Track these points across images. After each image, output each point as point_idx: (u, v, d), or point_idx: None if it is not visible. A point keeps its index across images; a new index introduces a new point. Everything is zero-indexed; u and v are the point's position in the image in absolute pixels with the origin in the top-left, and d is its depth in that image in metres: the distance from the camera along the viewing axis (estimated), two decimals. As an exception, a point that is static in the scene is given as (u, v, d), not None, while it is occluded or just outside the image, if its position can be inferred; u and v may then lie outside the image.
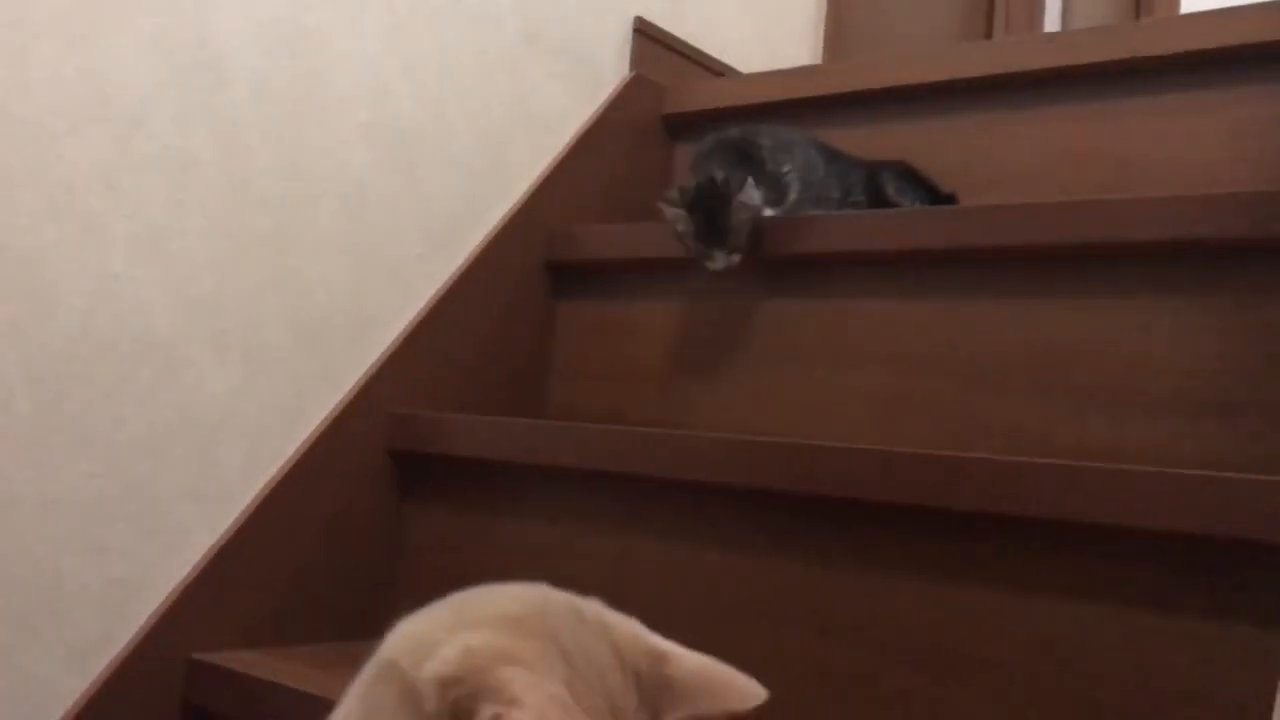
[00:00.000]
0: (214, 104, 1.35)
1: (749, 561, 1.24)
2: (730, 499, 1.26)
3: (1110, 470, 1.00)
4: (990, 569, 1.10)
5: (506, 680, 0.56)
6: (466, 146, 1.63)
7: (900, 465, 1.11)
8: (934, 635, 1.12)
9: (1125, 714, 1.01)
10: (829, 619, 1.18)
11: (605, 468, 1.32)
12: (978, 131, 1.71)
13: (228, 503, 1.37)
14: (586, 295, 1.72)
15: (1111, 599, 1.03)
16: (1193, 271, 1.25)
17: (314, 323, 1.45)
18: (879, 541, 1.16)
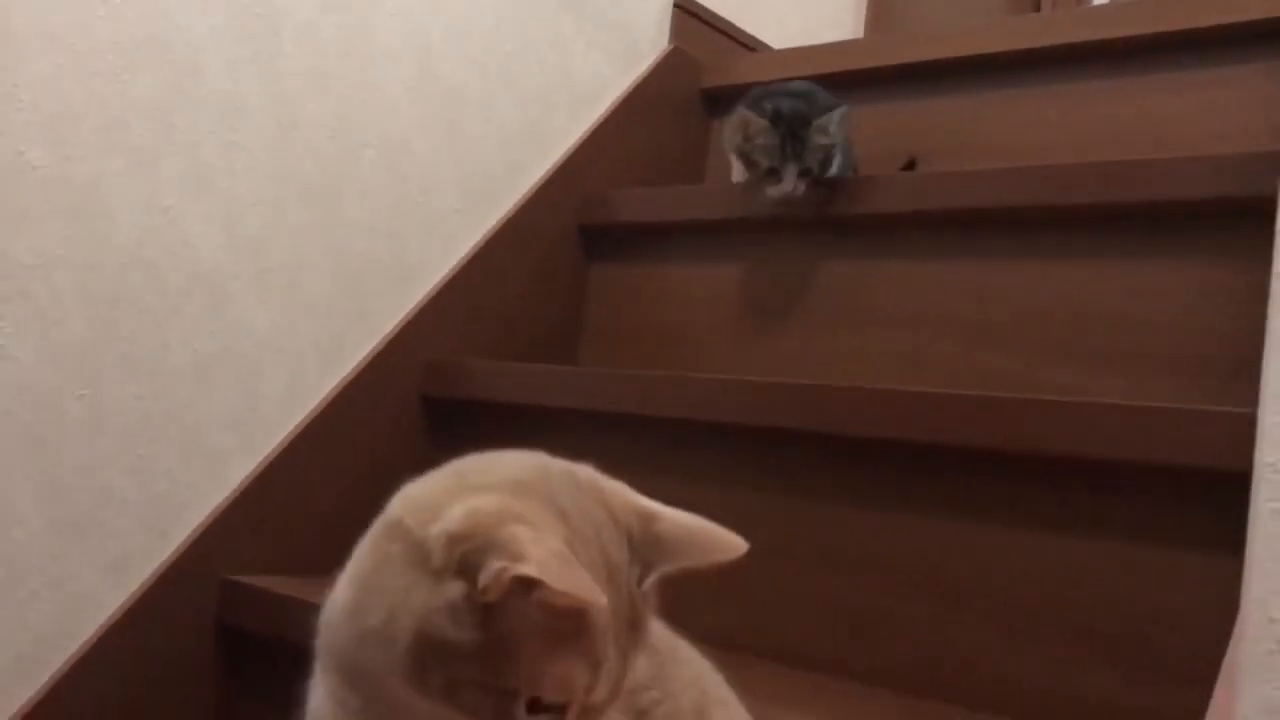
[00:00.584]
0: (266, 52, 1.41)
1: (762, 499, 1.27)
2: (746, 440, 1.30)
3: (1096, 405, 1.03)
4: (988, 504, 1.13)
5: (511, 537, 0.60)
6: (506, 108, 1.69)
7: (903, 403, 1.15)
8: (935, 568, 1.15)
9: (1111, 637, 1.03)
10: (838, 554, 1.22)
11: (628, 410, 1.36)
12: (1014, 106, 1.74)
13: (266, 433, 1.42)
14: (619, 258, 1.77)
15: (1098, 531, 1.06)
16: (1200, 233, 1.28)
17: (354, 267, 1.51)
18: (883, 480, 1.20)
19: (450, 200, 1.62)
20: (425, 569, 0.61)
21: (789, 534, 1.26)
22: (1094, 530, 1.06)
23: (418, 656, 0.60)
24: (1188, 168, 1.28)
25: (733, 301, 1.64)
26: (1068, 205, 1.36)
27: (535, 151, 1.73)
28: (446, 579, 0.60)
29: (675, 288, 1.70)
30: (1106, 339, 1.31)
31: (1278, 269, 0.73)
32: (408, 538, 0.63)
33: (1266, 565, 0.71)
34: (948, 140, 1.78)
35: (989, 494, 1.13)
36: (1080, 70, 1.68)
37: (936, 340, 1.45)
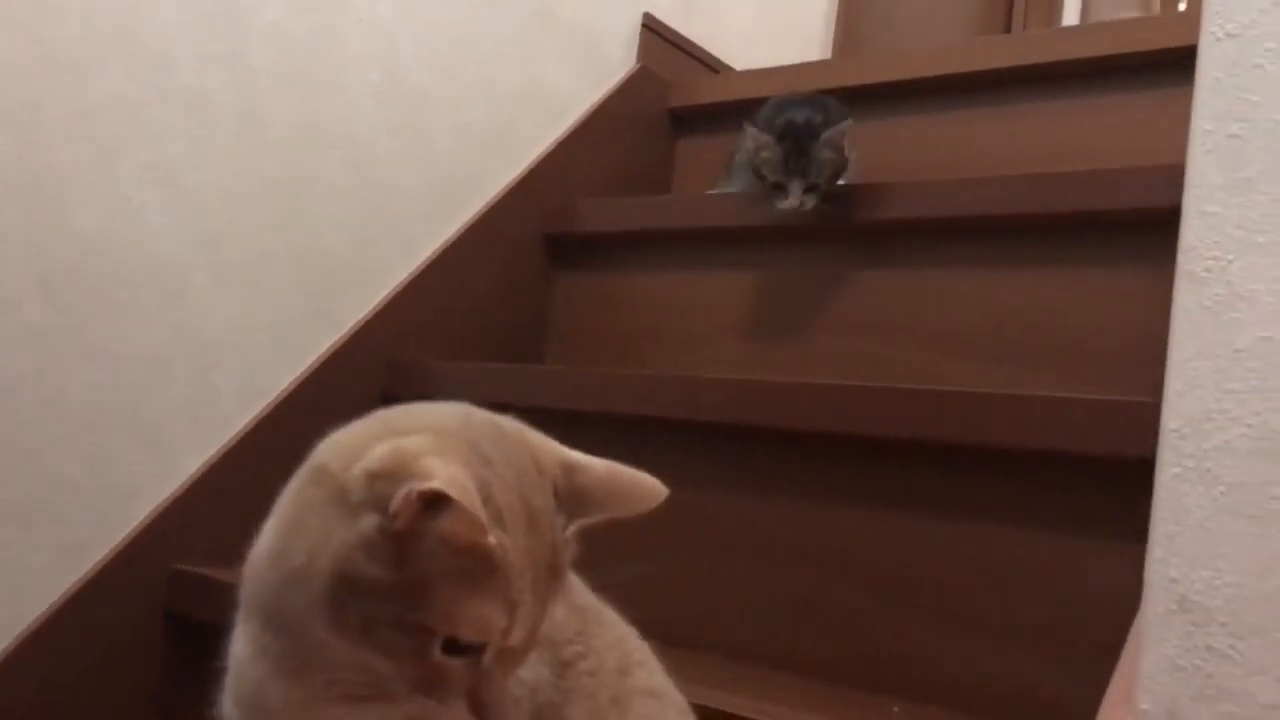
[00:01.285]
0: (234, 50, 1.44)
1: (710, 494, 1.29)
2: (688, 435, 1.32)
3: (1024, 396, 1.06)
4: (923, 496, 1.15)
5: (426, 466, 0.61)
6: (474, 116, 1.72)
7: (846, 398, 1.17)
8: (881, 560, 1.16)
9: (1041, 625, 1.05)
10: (778, 547, 1.23)
11: (578, 407, 1.38)
12: (977, 125, 1.77)
13: (221, 426, 1.43)
14: (583, 266, 1.79)
15: (1029, 521, 1.07)
16: (1142, 241, 1.31)
17: (315, 266, 1.52)
18: (822, 473, 1.21)
19: (415, 203, 1.64)
20: (344, 507, 0.62)
21: (731, 528, 1.27)
22: (1025, 520, 1.08)
23: (336, 595, 0.61)
24: (1126, 178, 1.31)
25: (696, 309, 1.66)
26: (1013, 214, 1.39)
27: (502, 159, 1.76)
28: (363, 514, 0.61)
29: (639, 296, 1.72)
30: (1052, 342, 1.34)
31: (1183, 245, 0.75)
32: (330, 481, 0.64)
33: (1169, 528, 0.73)
34: (914, 158, 1.81)
35: (924, 486, 1.15)
36: (1043, 90, 1.72)
37: (891, 345, 1.47)
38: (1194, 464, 0.73)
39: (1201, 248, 0.75)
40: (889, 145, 1.81)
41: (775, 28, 2.30)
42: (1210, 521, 0.72)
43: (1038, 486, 1.09)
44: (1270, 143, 0.74)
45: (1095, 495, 1.06)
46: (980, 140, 1.76)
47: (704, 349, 1.64)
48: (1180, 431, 0.74)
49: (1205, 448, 0.73)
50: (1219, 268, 0.74)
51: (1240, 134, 0.75)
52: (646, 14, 1.99)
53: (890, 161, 1.80)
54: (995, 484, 1.12)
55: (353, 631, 0.61)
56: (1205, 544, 0.72)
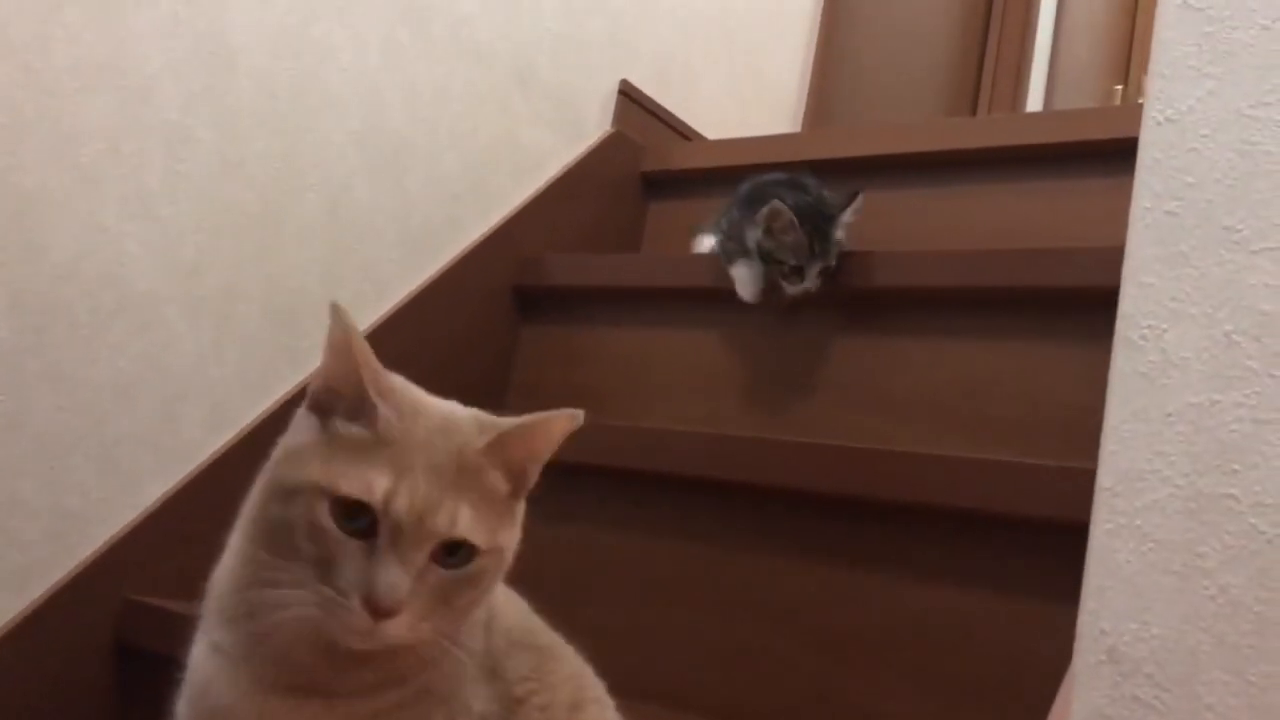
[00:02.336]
0: (218, 89, 1.47)
1: (651, 543, 1.31)
2: (640, 485, 1.34)
3: (971, 460, 1.10)
4: (870, 554, 1.18)
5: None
6: (451, 168, 1.75)
7: (790, 453, 1.20)
8: (822, 614, 1.19)
9: (990, 687, 1.07)
10: (729, 597, 1.25)
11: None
12: (942, 201, 1.83)
13: (183, 458, 1.44)
14: (550, 320, 1.82)
15: (975, 581, 1.10)
16: (1087, 318, 1.36)
17: (286, 304, 1.55)
18: (772, 525, 1.24)
19: (388, 249, 1.67)
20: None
21: (675, 577, 1.29)
22: (962, 579, 1.11)
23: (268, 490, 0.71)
24: (1090, 257, 1.36)
25: (658, 366, 1.69)
26: (970, 287, 1.43)
27: (476, 211, 1.80)
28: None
29: (603, 351, 1.76)
30: (998, 412, 1.38)
31: (1121, 312, 0.79)
32: None
33: (1101, 582, 0.76)
34: (878, 230, 1.86)
35: (867, 543, 1.18)
36: (1005, 171, 1.78)
37: (850, 410, 1.51)
38: (1125, 521, 0.76)
39: (1138, 316, 0.79)
40: (866, 216, 1.86)
41: (748, 99, 2.37)
42: (1139, 576, 0.75)
43: (976, 546, 1.12)
44: (1203, 221, 0.78)
45: (1029, 556, 1.09)
46: (942, 216, 1.81)
47: (665, 405, 1.67)
48: (1114, 490, 0.77)
49: (1136, 506, 0.76)
50: (1154, 335, 0.78)
51: (1176, 211, 0.79)
52: (623, 80, 2.05)
53: (853, 234, 1.85)
54: (936, 543, 1.15)
55: (273, 519, 0.69)
56: (1134, 598, 0.75)
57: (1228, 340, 0.75)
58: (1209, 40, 0.80)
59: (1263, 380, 0.74)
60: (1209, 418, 0.75)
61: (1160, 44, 0.82)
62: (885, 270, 1.51)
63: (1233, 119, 0.78)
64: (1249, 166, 0.77)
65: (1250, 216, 0.76)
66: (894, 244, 1.81)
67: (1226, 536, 0.73)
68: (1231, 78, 0.79)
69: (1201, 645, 0.73)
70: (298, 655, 0.70)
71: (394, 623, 0.65)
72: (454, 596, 0.69)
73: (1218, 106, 0.79)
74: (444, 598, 0.69)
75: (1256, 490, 0.73)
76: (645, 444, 1.33)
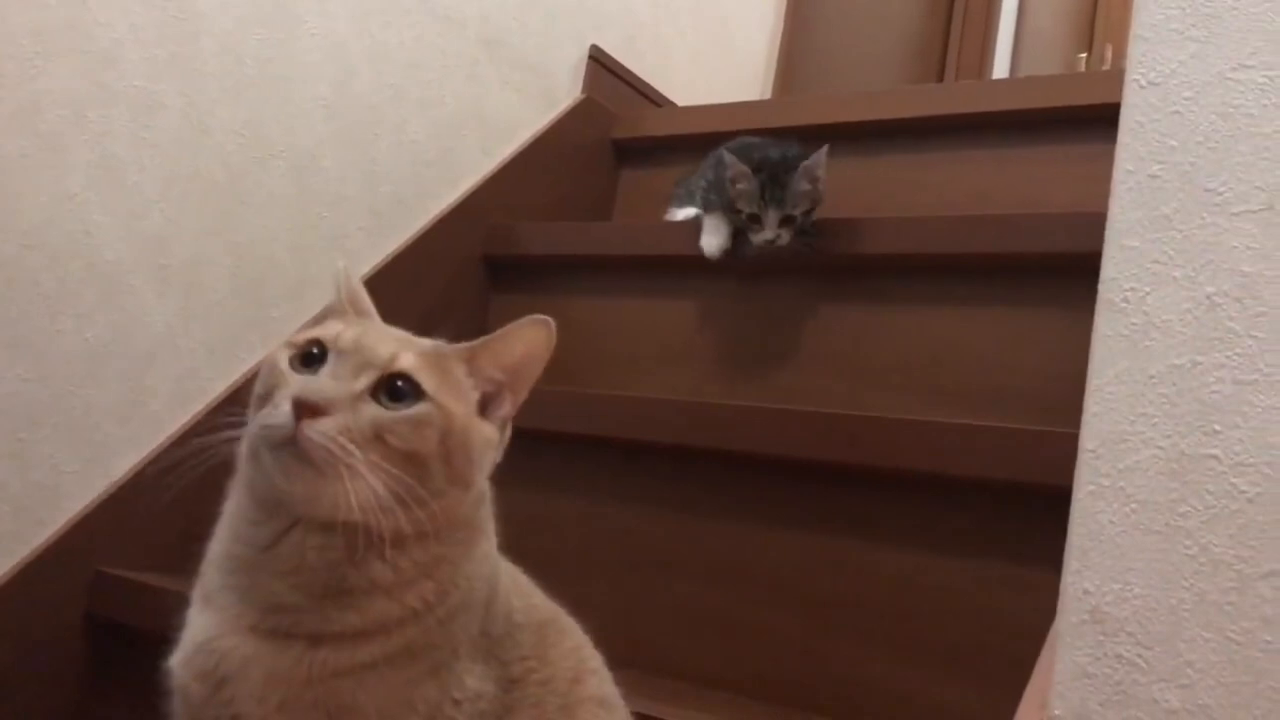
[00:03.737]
0: (185, 56, 1.44)
1: (628, 511, 1.31)
2: (620, 454, 1.34)
3: (956, 425, 1.10)
4: (858, 521, 1.18)
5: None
6: (420, 135, 1.74)
7: (768, 419, 1.20)
8: (807, 581, 1.20)
9: (971, 648, 1.08)
10: (713, 566, 1.26)
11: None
12: (912, 168, 1.83)
13: (153, 429, 1.43)
14: (521, 289, 1.81)
15: (960, 548, 1.11)
16: (1069, 284, 1.37)
17: (254, 273, 1.53)
18: (759, 495, 1.24)
19: (357, 218, 1.65)
20: None
21: (660, 547, 1.29)
22: (948, 544, 1.12)
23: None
24: (1065, 223, 1.37)
25: (632, 335, 1.69)
26: (949, 254, 1.44)
27: (445, 179, 1.78)
28: None
29: (577, 321, 1.75)
30: (979, 378, 1.39)
31: (1104, 275, 0.80)
32: None
33: (1084, 543, 0.77)
34: (850, 197, 1.86)
35: (850, 509, 1.19)
36: (973, 138, 1.78)
37: (822, 377, 1.51)
38: (1109, 482, 0.77)
39: (1121, 279, 0.80)
40: (835, 183, 1.85)
41: (717, 65, 2.36)
42: (1122, 537, 0.76)
43: (952, 510, 1.13)
44: (1185, 184, 0.79)
45: (1005, 520, 1.10)
46: (912, 182, 1.82)
47: (638, 375, 1.67)
48: (1096, 452, 0.78)
49: (1119, 467, 0.77)
50: (1136, 298, 0.79)
51: (1159, 174, 0.80)
52: (594, 46, 2.03)
53: (827, 200, 1.85)
54: (913, 508, 1.16)
55: None
56: (1117, 558, 0.76)
57: (1210, 302, 0.76)
58: (1191, 3, 0.80)
59: (1244, 342, 0.75)
60: (1191, 379, 0.76)
61: (1142, 7, 0.82)
62: (857, 237, 1.51)
63: (1215, 81, 0.79)
64: (1231, 129, 0.78)
65: (1232, 179, 0.77)
66: (864, 211, 1.81)
67: (1208, 496, 0.74)
68: (1214, 40, 0.79)
69: (1183, 604, 0.73)
70: (281, 594, 0.71)
71: (318, 423, 0.67)
72: (390, 435, 0.70)
73: (1200, 69, 0.79)
74: (378, 433, 0.69)
75: (1237, 450, 0.74)
76: (621, 412, 1.32)
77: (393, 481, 0.69)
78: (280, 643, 0.70)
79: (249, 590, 0.72)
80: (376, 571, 0.70)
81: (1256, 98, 0.77)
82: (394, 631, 0.70)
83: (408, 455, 0.70)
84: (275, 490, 0.70)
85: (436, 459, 0.72)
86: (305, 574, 0.71)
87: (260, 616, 0.71)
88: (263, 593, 0.71)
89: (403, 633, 0.70)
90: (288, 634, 0.70)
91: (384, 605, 0.70)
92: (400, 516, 0.69)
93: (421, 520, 0.70)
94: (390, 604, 0.70)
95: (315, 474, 0.68)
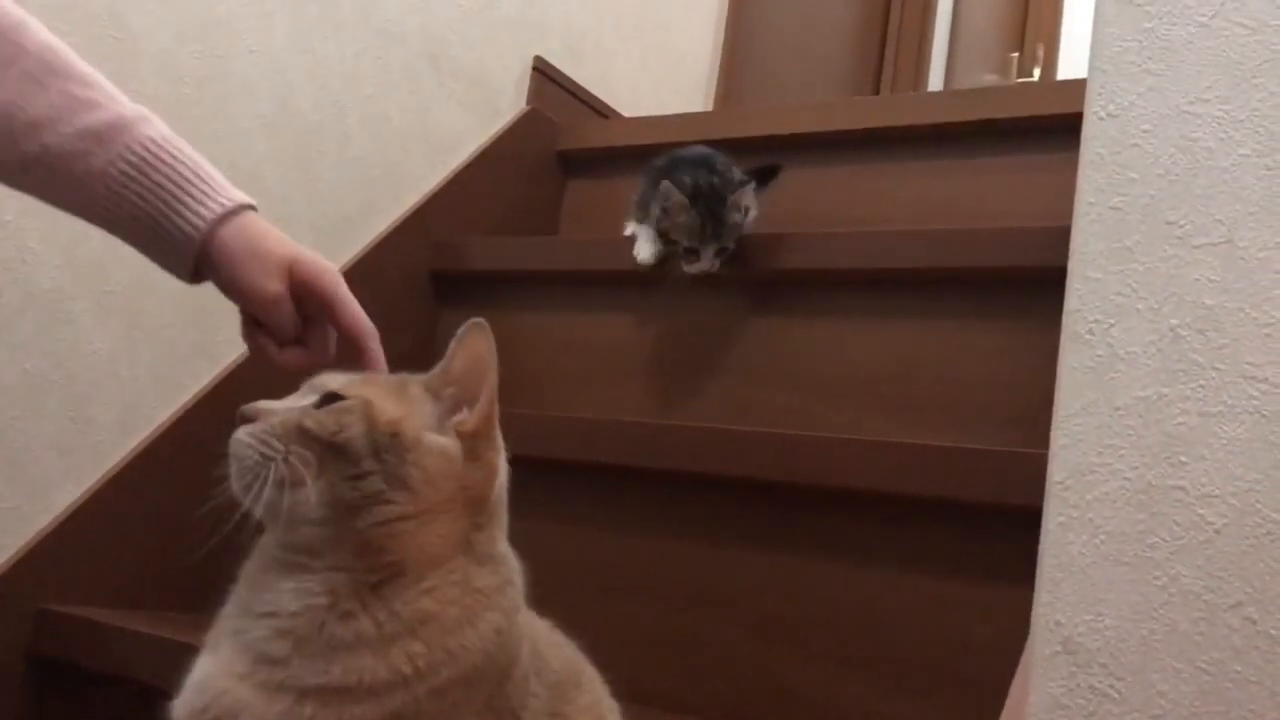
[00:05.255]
0: (120, 75, 1.39)
1: (585, 534, 1.30)
2: (577, 475, 1.33)
3: (914, 445, 1.11)
4: (815, 541, 1.18)
5: None
6: (363, 151, 1.71)
7: (732, 441, 1.20)
8: (768, 602, 1.19)
9: (928, 667, 1.09)
10: (673, 588, 1.25)
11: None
12: (852, 179, 1.84)
13: (95, 461, 1.39)
14: (469, 304, 1.79)
15: (916, 566, 1.12)
16: (1016, 297, 1.38)
17: (198, 297, 1.47)
18: (717, 515, 1.24)
19: (300, 236, 1.60)
20: None
21: (618, 568, 1.29)
22: (912, 565, 1.12)
23: None
24: (1011, 238, 1.38)
25: (584, 351, 1.68)
26: (898, 269, 1.44)
27: (390, 195, 1.75)
28: None
29: (527, 337, 1.73)
30: (929, 393, 1.39)
31: (1068, 308, 0.81)
32: None
33: (1055, 574, 0.78)
34: (789, 209, 1.87)
35: (809, 530, 1.19)
36: (914, 149, 1.80)
37: (774, 390, 1.51)
38: (1078, 514, 0.78)
39: (1085, 311, 0.80)
40: (776, 195, 1.86)
41: (661, 76, 2.35)
42: (1092, 568, 0.77)
43: (912, 530, 1.13)
44: (1146, 216, 0.80)
45: (971, 541, 1.11)
46: (855, 194, 1.83)
47: (587, 391, 1.65)
48: (1065, 483, 0.79)
49: (1088, 498, 0.78)
50: (1101, 330, 0.79)
51: (1120, 207, 0.80)
52: (537, 57, 2.02)
53: (769, 213, 1.85)
54: (873, 528, 1.17)
55: None
56: (1088, 589, 0.77)
57: (1173, 334, 0.77)
58: (1148, 36, 0.81)
59: (1208, 374, 0.76)
60: (1156, 411, 0.77)
61: (1100, 40, 0.83)
62: (801, 252, 1.52)
63: (1174, 115, 0.80)
64: (1190, 162, 0.79)
65: (1192, 212, 0.78)
66: (806, 223, 1.82)
67: (1176, 527, 0.75)
68: (1171, 74, 0.80)
69: (1154, 634, 0.74)
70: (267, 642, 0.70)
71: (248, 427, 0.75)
72: (310, 421, 0.72)
73: (1158, 102, 0.80)
74: (301, 426, 0.72)
75: (1204, 482, 0.75)
76: (573, 433, 1.31)
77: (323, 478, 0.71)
78: (270, 694, 0.68)
79: (241, 636, 0.71)
80: (361, 624, 0.69)
81: (1214, 131, 0.78)
82: (383, 695, 0.68)
83: (330, 444, 0.71)
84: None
85: (365, 451, 0.72)
86: (285, 619, 0.70)
87: (250, 667, 0.70)
88: (252, 639, 0.70)
89: (391, 698, 0.68)
90: (278, 687, 0.69)
91: (369, 663, 0.68)
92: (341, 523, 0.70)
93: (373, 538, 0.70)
94: (376, 662, 0.68)
95: (249, 474, 0.72)
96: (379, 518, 0.71)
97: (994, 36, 3.82)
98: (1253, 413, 0.74)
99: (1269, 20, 0.77)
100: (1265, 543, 0.72)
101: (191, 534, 1.45)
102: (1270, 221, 0.75)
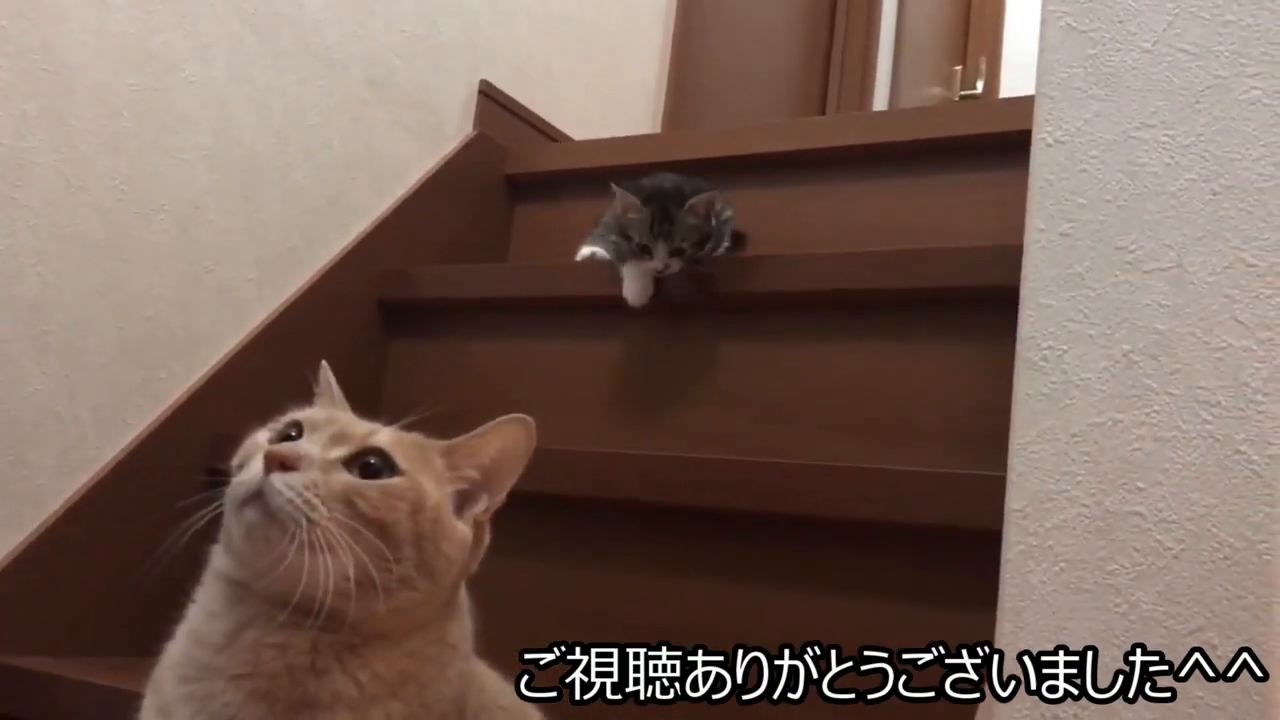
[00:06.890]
0: (56, 109, 1.37)
1: (542, 568, 1.29)
2: (527, 506, 1.31)
3: (871, 470, 1.10)
4: (771, 567, 1.18)
5: None
6: (306, 181, 1.68)
7: (691, 469, 1.19)
8: (721, 631, 1.18)
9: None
10: (628, 620, 1.24)
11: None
12: (800, 200, 1.84)
13: (35, 506, 1.35)
14: (419, 334, 1.77)
15: (875, 591, 1.12)
16: (967, 317, 1.38)
17: (139, 334, 1.46)
18: (675, 545, 1.23)
19: (245, 269, 1.59)
20: None
21: (579, 603, 1.27)
22: (871, 590, 1.12)
23: None
24: (962, 257, 1.38)
25: (535, 378, 1.66)
26: (847, 289, 1.44)
27: (335, 224, 1.73)
28: None
29: (478, 365, 1.71)
30: (882, 414, 1.39)
31: (1021, 334, 0.80)
32: None
33: (1016, 603, 0.77)
34: (747, 230, 1.87)
35: (772, 557, 1.18)
36: (863, 169, 1.80)
37: (729, 415, 1.50)
38: (1037, 541, 0.78)
39: (1038, 337, 0.80)
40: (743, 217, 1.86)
41: (609, 98, 2.34)
42: (1053, 596, 0.76)
43: (871, 555, 1.13)
44: (1096, 242, 0.80)
45: (930, 566, 1.10)
46: (802, 215, 1.83)
47: (542, 420, 1.63)
48: (1023, 511, 0.78)
49: (1047, 526, 0.77)
50: (1055, 357, 0.79)
51: (1070, 233, 0.81)
52: (484, 81, 2.00)
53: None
54: (831, 554, 1.16)
55: None
56: (1049, 617, 0.76)
57: (1127, 360, 0.77)
58: (1093, 63, 0.82)
59: (1161, 399, 0.76)
60: (1112, 437, 0.77)
61: (1046, 66, 0.83)
62: (750, 275, 1.51)
63: (1120, 140, 0.80)
64: (1138, 187, 0.79)
65: (1141, 238, 0.78)
66: (754, 246, 1.81)
67: (1134, 554, 0.75)
68: (1116, 99, 0.81)
69: (1116, 662, 0.74)
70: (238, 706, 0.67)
71: (287, 475, 0.67)
72: (361, 499, 0.68)
73: (1105, 128, 0.80)
74: (348, 497, 0.68)
75: (1160, 507, 0.75)
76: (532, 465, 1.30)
77: (359, 554, 0.66)
78: None
79: (205, 701, 0.67)
80: (339, 684, 0.67)
81: (1160, 156, 0.79)
82: None
83: (377, 525, 0.68)
84: (239, 560, 0.69)
85: (408, 538, 0.69)
86: (261, 680, 0.67)
87: None
88: (218, 705, 0.66)
89: None
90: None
91: None
92: (360, 603, 0.66)
93: (381, 616, 0.67)
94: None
95: (278, 531, 0.66)
96: (399, 603, 0.69)
97: (937, 51, 3.86)
98: (1206, 437, 0.74)
99: (1211, 46, 0.77)
100: (1223, 567, 0.72)
101: (136, 576, 1.42)
102: (1218, 246, 0.76)
